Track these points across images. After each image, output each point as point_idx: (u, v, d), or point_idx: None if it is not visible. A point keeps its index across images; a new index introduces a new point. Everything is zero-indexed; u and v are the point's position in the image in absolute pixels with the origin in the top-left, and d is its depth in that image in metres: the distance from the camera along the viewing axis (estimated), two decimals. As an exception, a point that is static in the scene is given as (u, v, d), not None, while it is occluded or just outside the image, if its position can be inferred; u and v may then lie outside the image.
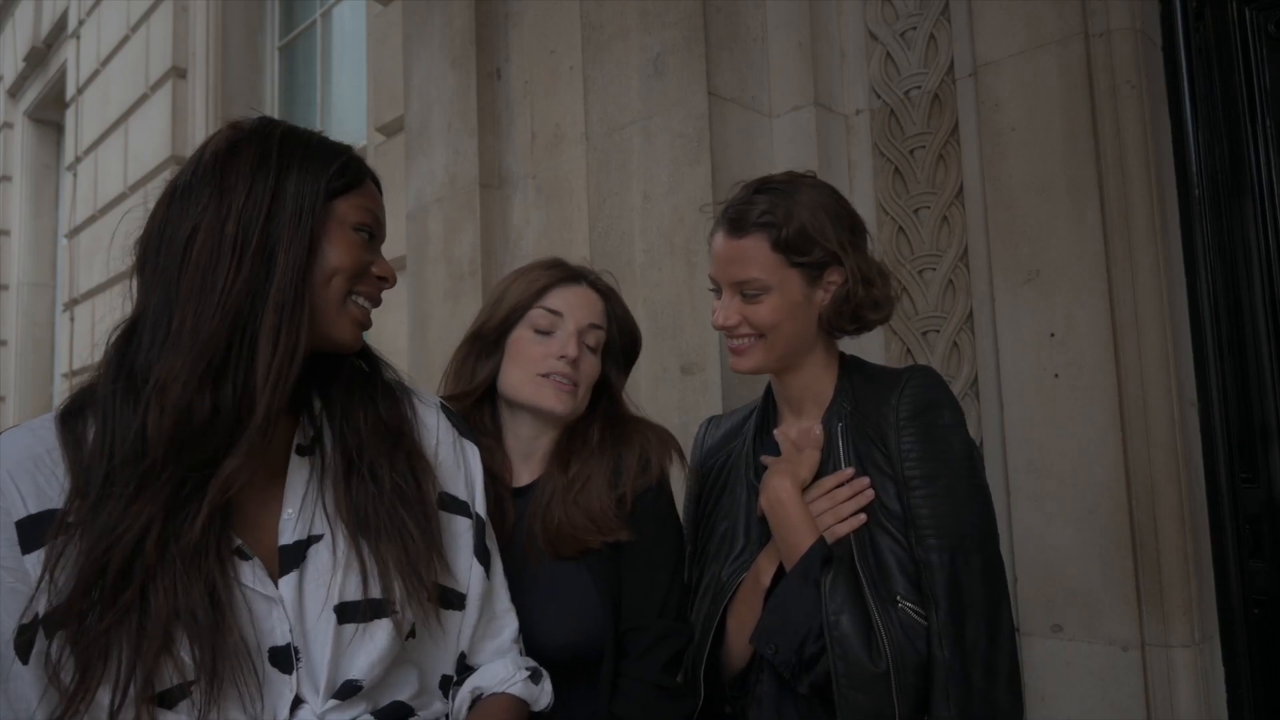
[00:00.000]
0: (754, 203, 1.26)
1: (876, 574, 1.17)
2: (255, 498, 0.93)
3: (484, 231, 2.60)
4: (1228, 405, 1.87)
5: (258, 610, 0.89)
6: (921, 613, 1.15)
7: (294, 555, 0.92)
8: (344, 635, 0.91)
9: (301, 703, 0.89)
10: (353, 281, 0.95)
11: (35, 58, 7.99)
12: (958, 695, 1.12)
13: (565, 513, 1.30)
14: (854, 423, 1.24)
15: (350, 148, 1.00)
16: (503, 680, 1.07)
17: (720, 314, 1.27)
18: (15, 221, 8.51)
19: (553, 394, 1.32)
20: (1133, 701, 1.73)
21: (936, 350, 2.06)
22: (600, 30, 2.33)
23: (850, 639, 1.14)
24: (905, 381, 1.23)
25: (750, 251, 1.25)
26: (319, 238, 0.91)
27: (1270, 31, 1.90)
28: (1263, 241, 1.86)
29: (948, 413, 1.22)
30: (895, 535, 1.18)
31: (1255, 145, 1.88)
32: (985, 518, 1.21)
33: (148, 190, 4.07)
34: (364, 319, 0.98)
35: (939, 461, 1.19)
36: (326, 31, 5.09)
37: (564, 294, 1.37)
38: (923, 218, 2.11)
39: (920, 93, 2.13)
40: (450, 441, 1.10)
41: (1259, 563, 1.84)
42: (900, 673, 1.12)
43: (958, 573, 1.14)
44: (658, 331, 2.12)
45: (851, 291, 1.26)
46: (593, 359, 1.37)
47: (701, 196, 2.07)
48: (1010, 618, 1.19)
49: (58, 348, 7.68)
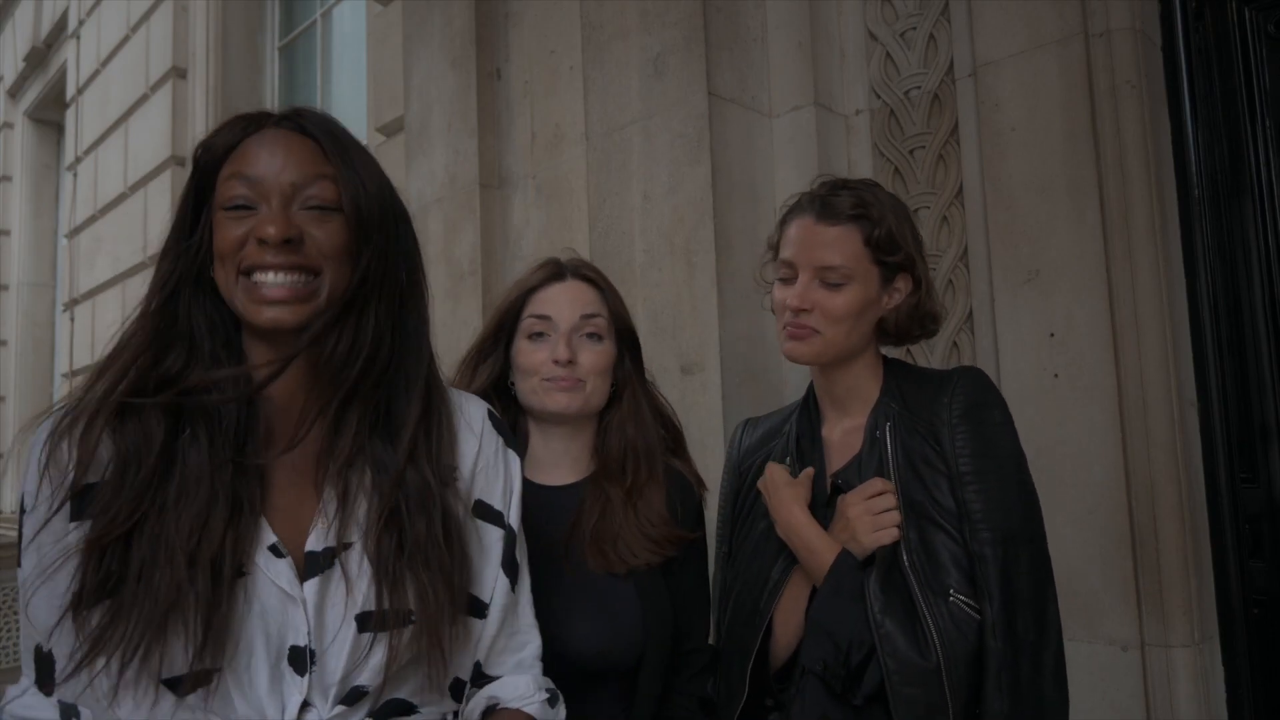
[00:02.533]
0: (842, 196, 1.30)
1: (928, 569, 1.19)
2: (289, 500, 0.94)
3: (484, 231, 2.60)
4: (1227, 405, 1.87)
5: (281, 608, 0.89)
6: (975, 605, 1.16)
7: (321, 561, 0.92)
8: (361, 643, 0.91)
9: (309, 706, 0.89)
10: (231, 262, 0.92)
11: (35, 58, 7.99)
12: (1010, 688, 1.13)
13: (621, 534, 1.31)
14: (903, 421, 1.27)
15: (251, 114, 0.98)
16: (521, 696, 1.06)
17: (795, 296, 1.28)
18: (15, 221, 8.50)
19: (558, 396, 1.33)
20: (1132, 701, 1.73)
21: (936, 350, 2.06)
22: (600, 30, 2.33)
23: (896, 637, 1.16)
24: (957, 381, 1.27)
25: (842, 240, 1.27)
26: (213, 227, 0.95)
27: (1270, 31, 1.90)
28: (1262, 241, 1.86)
29: (998, 412, 1.26)
30: (949, 530, 1.20)
31: (1255, 145, 1.88)
32: (1033, 514, 1.24)
33: (148, 190, 4.11)
34: (264, 295, 0.91)
35: (990, 458, 1.22)
36: (326, 31, 5.09)
37: (549, 295, 1.37)
38: (922, 218, 2.11)
39: (920, 93, 2.14)
40: (493, 450, 1.09)
41: (1259, 563, 1.84)
42: (952, 666, 1.14)
43: (1008, 566, 1.17)
44: (658, 331, 2.12)
45: (923, 300, 1.32)
46: (596, 347, 1.36)
47: (701, 196, 2.08)
48: (1057, 614, 1.21)
49: (58, 348, 7.68)
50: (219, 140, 0.96)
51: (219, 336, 0.96)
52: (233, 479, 0.89)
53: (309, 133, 0.95)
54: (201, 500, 0.87)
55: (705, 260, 2.06)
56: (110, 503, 0.86)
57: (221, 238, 0.92)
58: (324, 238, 0.92)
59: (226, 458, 0.90)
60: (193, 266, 0.95)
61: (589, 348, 1.35)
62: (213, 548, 0.85)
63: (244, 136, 0.95)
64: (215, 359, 0.94)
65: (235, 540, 0.87)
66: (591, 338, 1.36)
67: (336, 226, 0.93)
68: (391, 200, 1.00)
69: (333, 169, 0.94)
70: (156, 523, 0.85)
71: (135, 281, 5.99)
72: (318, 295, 0.92)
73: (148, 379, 0.91)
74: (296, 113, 0.97)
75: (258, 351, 0.97)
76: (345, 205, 0.93)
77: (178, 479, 0.88)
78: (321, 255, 0.92)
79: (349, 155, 0.96)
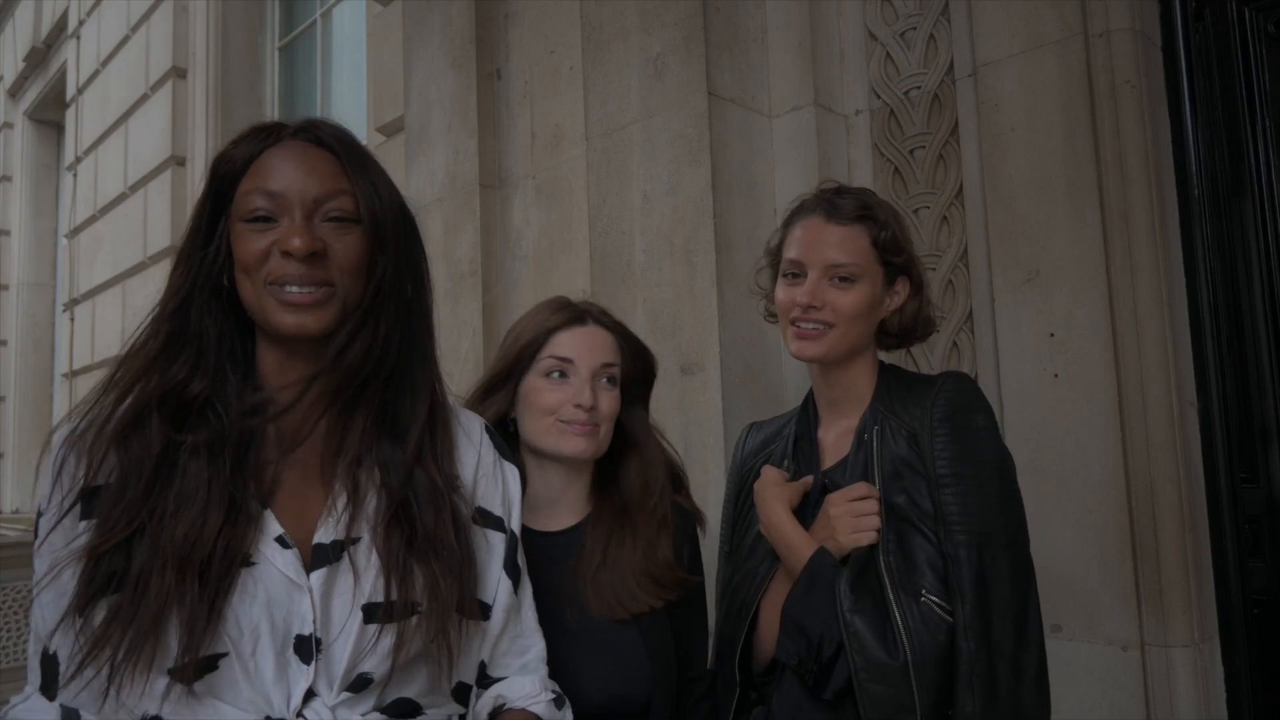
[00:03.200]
0: (847, 198, 1.34)
1: (903, 570, 1.20)
2: (297, 497, 0.96)
3: (484, 231, 2.60)
4: (1227, 405, 1.87)
5: (288, 596, 0.91)
6: (946, 606, 1.17)
7: (329, 553, 0.94)
8: (367, 634, 0.92)
9: (314, 695, 0.91)
10: (258, 273, 0.94)
11: (35, 58, 7.99)
12: (982, 688, 1.13)
13: (624, 580, 1.32)
14: (889, 425, 1.28)
15: (267, 125, 1.00)
16: (527, 696, 1.08)
17: (806, 293, 1.30)
18: (15, 221, 8.50)
19: (575, 440, 1.33)
20: (1132, 701, 1.73)
21: (936, 350, 2.06)
22: (600, 30, 2.34)
23: (865, 634, 1.16)
24: (941, 385, 1.28)
25: (852, 239, 1.31)
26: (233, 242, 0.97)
27: (1270, 31, 1.90)
28: (1262, 241, 1.86)
29: (980, 417, 1.26)
30: (926, 533, 1.21)
31: (1255, 145, 1.88)
32: (1014, 519, 1.24)
33: (148, 190, 4.11)
34: (289, 299, 0.93)
35: (969, 462, 1.22)
36: (326, 31, 5.09)
37: (571, 337, 1.37)
38: (922, 218, 2.11)
39: (920, 93, 2.14)
40: (491, 462, 1.12)
41: (1259, 563, 1.84)
42: (921, 666, 1.14)
43: (984, 569, 1.17)
44: (658, 331, 2.12)
45: (922, 304, 1.36)
46: (611, 394, 1.38)
47: (701, 196, 2.08)
48: (1039, 619, 1.21)
49: (58, 348, 7.68)
50: (238, 152, 0.98)
51: (226, 346, 0.98)
52: (232, 480, 0.91)
53: (326, 144, 0.98)
54: (197, 507, 0.89)
55: (705, 260, 2.06)
56: (110, 512, 0.88)
57: (244, 250, 0.94)
58: (344, 250, 0.95)
59: (227, 461, 0.92)
60: (209, 275, 0.97)
61: (606, 393, 1.37)
62: (205, 550, 0.87)
63: (263, 149, 0.97)
64: (220, 369, 0.96)
65: (230, 541, 0.89)
66: (609, 382, 1.37)
67: (355, 238, 0.96)
68: (403, 210, 1.03)
69: (350, 182, 0.97)
70: (155, 530, 0.88)
71: (135, 281, 5.99)
72: (333, 302, 0.95)
73: (157, 388, 0.93)
74: (312, 124, 1.00)
75: (271, 361, 0.99)
76: (364, 217, 0.96)
77: (177, 487, 0.90)
78: (339, 269, 0.95)
79: (365, 167, 0.99)
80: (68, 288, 6.98)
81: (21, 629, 3.96)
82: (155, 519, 0.88)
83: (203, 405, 0.94)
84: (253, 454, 0.95)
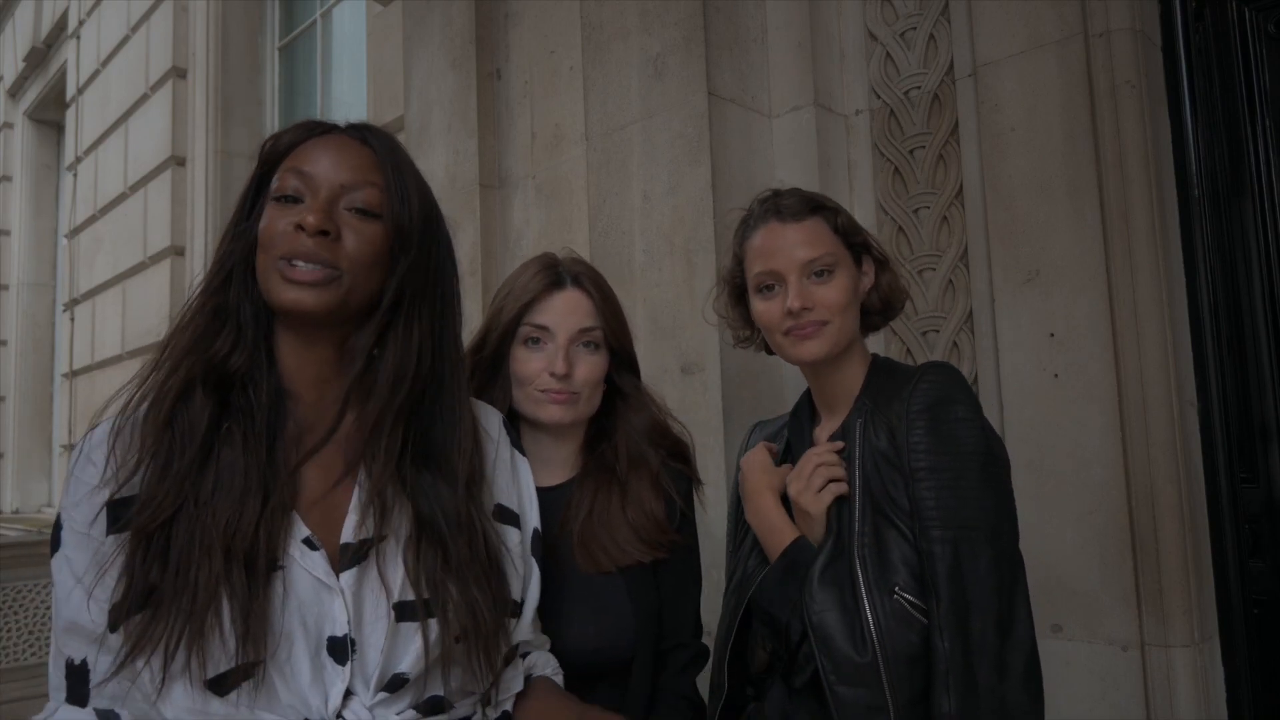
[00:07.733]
0: (791, 197, 1.34)
1: (877, 566, 1.17)
2: (322, 497, 0.97)
3: (484, 231, 2.60)
4: (1227, 405, 1.87)
5: (318, 598, 0.91)
6: (920, 605, 1.13)
7: (357, 552, 0.94)
8: (400, 633, 0.93)
9: (351, 695, 0.91)
10: (272, 248, 0.95)
11: (35, 58, 7.99)
12: (958, 687, 1.09)
13: (610, 533, 1.33)
14: (872, 418, 1.26)
15: (320, 121, 1.03)
16: (556, 669, 1.17)
17: (795, 296, 1.27)
18: (15, 221, 8.50)
19: (552, 409, 1.34)
20: (1132, 701, 1.73)
21: (936, 350, 2.06)
22: (600, 30, 2.34)
23: (832, 630, 1.14)
24: (920, 377, 1.24)
25: (814, 232, 1.30)
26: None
27: (1270, 31, 1.90)
28: (1262, 241, 1.86)
29: (961, 408, 1.21)
30: (902, 530, 1.18)
31: (1255, 145, 1.88)
32: (997, 512, 1.18)
33: (148, 190, 4.10)
34: (291, 274, 0.94)
35: (946, 454, 1.18)
36: (326, 31, 5.09)
37: (550, 305, 1.36)
38: (922, 218, 2.11)
39: (920, 93, 2.14)
40: (507, 456, 1.14)
41: (1259, 563, 1.84)
42: (891, 663, 1.11)
43: (961, 564, 1.12)
44: (658, 331, 2.12)
45: (891, 279, 1.36)
46: (592, 358, 1.37)
47: (701, 196, 2.08)
48: (1027, 615, 1.16)
49: (58, 348, 7.68)
50: (285, 138, 1.01)
51: (261, 326, 0.99)
52: (264, 474, 0.92)
53: (369, 144, 1.01)
54: (235, 494, 0.89)
55: (705, 260, 2.06)
56: (155, 489, 0.89)
57: (266, 225, 0.96)
58: (358, 240, 0.96)
59: (259, 455, 0.92)
60: (245, 253, 0.99)
61: (585, 359, 1.36)
62: (246, 540, 0.88)
63: (308, 137, 1.00)
64: (256, 347, 0.97)
65: (268, 534, 0.90)
66: (588, 347, 1.37)
67: (375, 232, 0.97)
68: (435, 221, 1.04)
69: (382, 177, 0.98)
70: (193, 514, 0.88)
71: (135, 281, 5.99)
72: (335, 287, 0.95)
73: (201, 363, 0.94)
74: (364, 126, 1.03)
75: (288, 349, 0.99)
76: (386, 212, 0.98)
77: (213, 472, 0.91)
78: (349, 258, 0.95)
79: (401, 169, 1.01)
80: (68, 288, 6.99)
81: (22, 629, 3.95)
82: (193, 502, 0.89)
83: (244, 381, 0.95)
84: (279, 448, 0.96)
